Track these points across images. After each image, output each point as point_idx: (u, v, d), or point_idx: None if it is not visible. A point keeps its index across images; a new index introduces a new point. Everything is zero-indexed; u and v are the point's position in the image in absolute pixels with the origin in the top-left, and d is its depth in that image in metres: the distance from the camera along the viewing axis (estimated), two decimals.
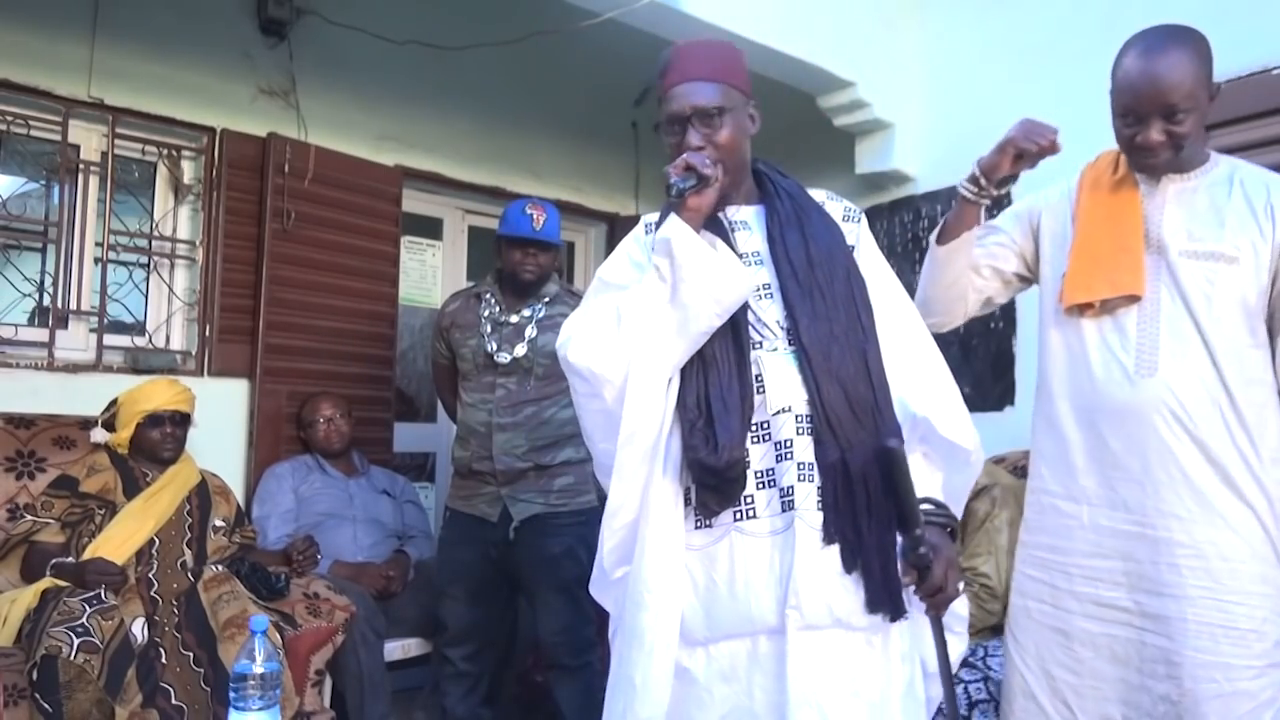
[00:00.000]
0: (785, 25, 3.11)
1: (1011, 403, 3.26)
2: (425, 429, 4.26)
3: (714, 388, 1.41)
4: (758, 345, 1.46)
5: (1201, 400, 1.53)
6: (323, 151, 3.52)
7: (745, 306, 1.45)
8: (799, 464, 1.41)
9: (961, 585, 1.49)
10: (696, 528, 1.44)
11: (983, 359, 3.35)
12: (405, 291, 3.92)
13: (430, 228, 4.22)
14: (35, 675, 2.09)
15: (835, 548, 1.39)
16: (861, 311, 1.48)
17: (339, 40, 3.59)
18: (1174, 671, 1.51)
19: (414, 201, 4.02)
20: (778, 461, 1.42)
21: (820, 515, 1.39)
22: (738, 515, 1.42)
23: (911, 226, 3.62)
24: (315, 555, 2.85)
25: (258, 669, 1.36)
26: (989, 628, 2.43)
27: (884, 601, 1.39)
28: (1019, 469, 2.89)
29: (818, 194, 1.60)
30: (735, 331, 1.44)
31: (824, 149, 3.80)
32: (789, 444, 1.42)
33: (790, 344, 1.44)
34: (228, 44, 3.43)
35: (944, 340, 3.72)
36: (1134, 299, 1.59)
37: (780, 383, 1.43)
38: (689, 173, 1.39)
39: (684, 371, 1.44)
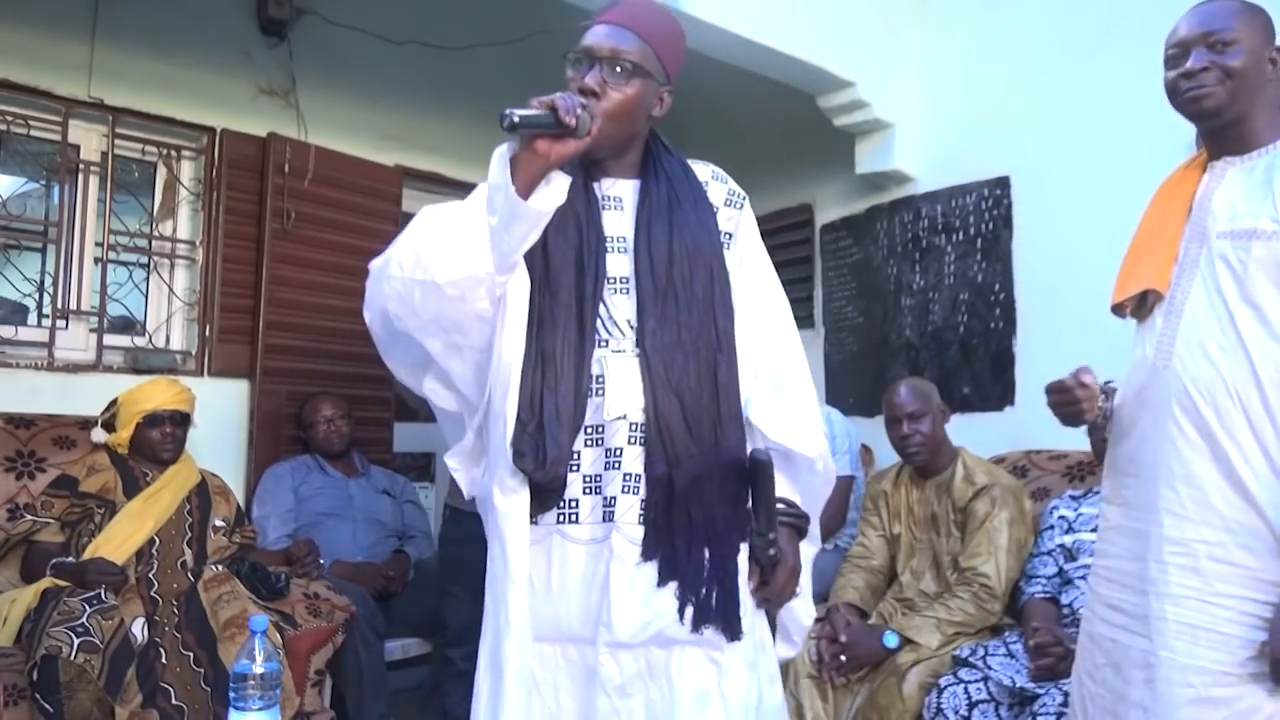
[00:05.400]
0: (785, 25, 3.11)
1: (1011, 403, 3.26)
2: (425, 429, 4.26)
3: (549, 391, 1.32)
4: (604, 344, 1.37)
5: (1216, 390, 1.43)
6: (323, 151, 3.52)
7: (597, 301, 1.36)
8: (625, 474, 1.35)
9: (808, 608, 1.50)
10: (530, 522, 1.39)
11: (983, 359, 3.35)
12: None
13: None
14: (35, 675, 2.09)
15: (654, 564, 1.33)
16: (719, 315, 1.39)
17: (339, 40, 3.59)
18: (1149, 675, 1.44)
19: (414, 201, 4.01)
20: (605, 469, 1.36)
21: (640, 529, 1.33)
22: (561, 518, 1.36)
23: (912, 226, 3.62)
24: (318, 559, 2.86)
25: (258, 669, 1.36)
26: (989, 628, 2.43)
27: (712, 619, 1.32)
28: (1019, 469, 2.89)
29: (703, 170, 1.49)
30: (580, 329, 1.35)
31: (824, 149, 3.81)
32: (619, 452, 1.35)
33: (637, 346, 1.36)
34: (228, 44, 3.43)
35: (944, 340, 3.75)
36: (1159, 294, 1.52)
37: (620, 388, 1.35)
38: (547, 111, 1.23)
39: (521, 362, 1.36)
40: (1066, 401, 1.58)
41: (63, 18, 3.10)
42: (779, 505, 1.39)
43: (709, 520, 1.34)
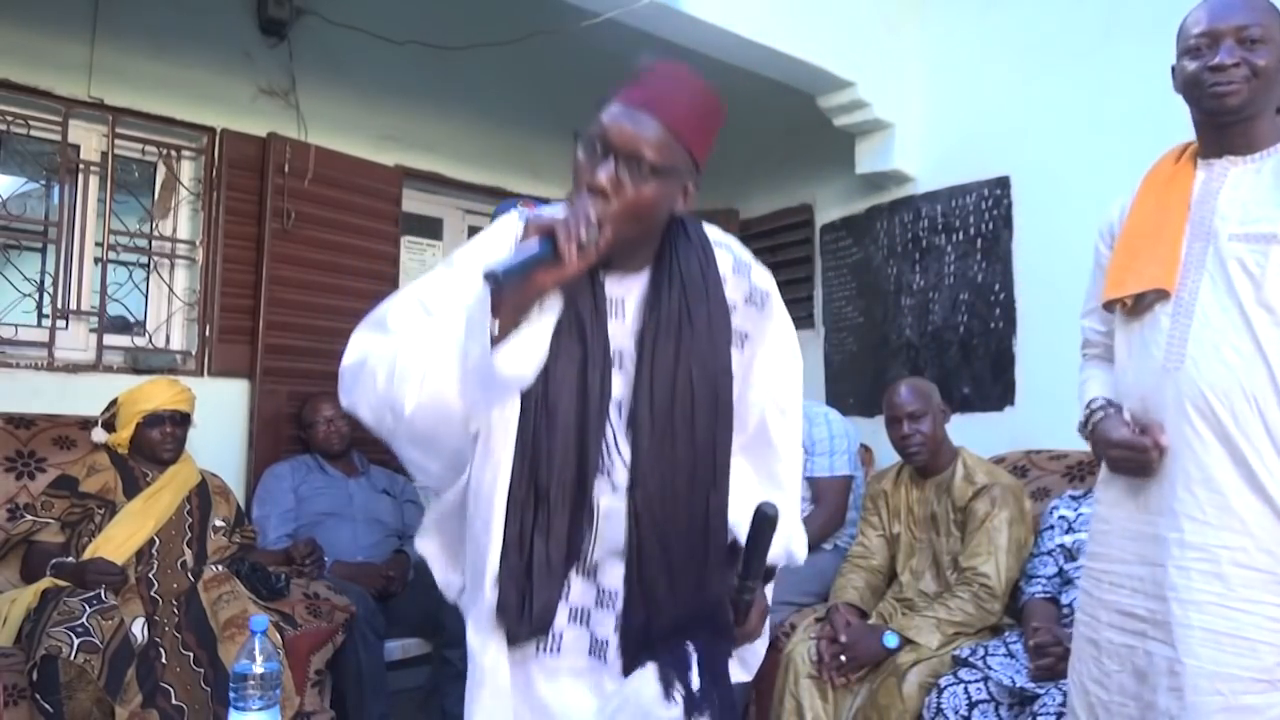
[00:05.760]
0: (785, 25, 3.11)
1: (1011, 403, 3.26)
2: None
3: (540, 531, 1.19)
4: (604, 473, 1.23)
5: (1233, 395, 1.40)
6: (323, 151, 3.52)
7: (601, 430, 1.21)
8: (618, 616, 1.25)
9: (764, 639, 1.43)
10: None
11: (983, 359, 3.35)
12: None
13: (430, 228, 4.22)
14: (35, 675, 2.09)
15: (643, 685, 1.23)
16: (719, 452, 1.25)
17: (339, 40, 3.60)
18: (1175, 683, 1.41)
19: (414, 201, 4.02)
20: (597, 606, 1.26)
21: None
22: (540, 646, 1.24)
23: (912, 226, 3.62)
24: (321, 558, 2.86)
25: (258, 669, 1.35)
26: (989, 628, 2.43)
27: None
28: (1019, 469, 2.89)
29: (724, 259, 1.29)
30: (580, 464, 1.20)
31: (824, 149, 3.81)
32: (613, 594, 1.25)
33: (629, 493, 1.23)
34: (228, 44, 3.43)
35: (944, 340, 3.74)
36: (1165, 293, 1.48)
37: (611, 531, 1.24)
38: (543, 241, 1.07)
39: (510, 488, 1.20)
40: (1139, 461, 1.50)
41: (63, 18, 3.10)
42: None
43: (691, 648, 1.25)
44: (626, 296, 1.25)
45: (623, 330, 1.24)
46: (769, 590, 1.42)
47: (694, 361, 1.23)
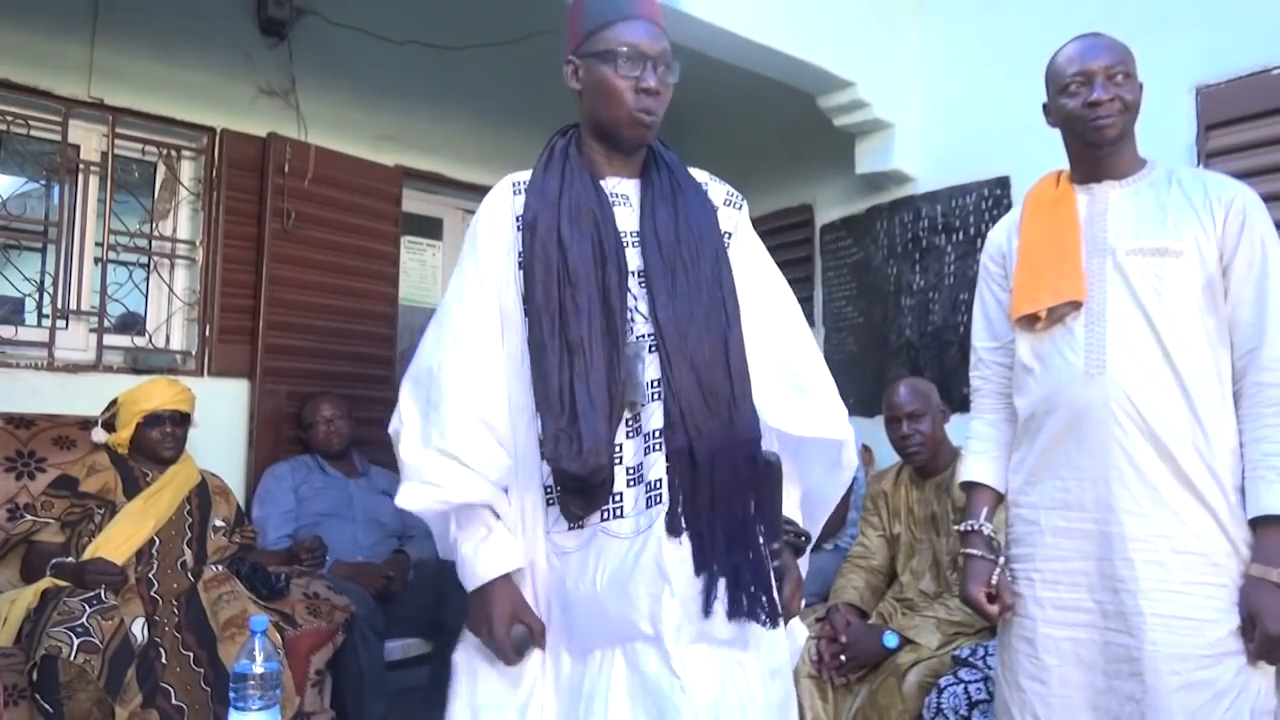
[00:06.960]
0: (785, 25, 3.11)
1: None
2: None
3: (579, 380, 1.29)
4: (630, 325, 1.36)
5: (1153, 395, 1.55)
6: (323, 151, 3.52)
7: (624, 291, 1.35)
8: (667, 456, 1.32)
9: (803, 626, 1.49)
10: (569, 529, 1.35)
11: None
12: (405, 291, 3.92)
13: (430, 228, 4.23)
14: (35, 675, 2.09)
15: (689, 547, 1.29)
16: (726, 297, 1.39)
17: (339, 40, 3.60)
18: (1136, 668, 1.52)
19: (414, 201, 4.02)
20: (646, 454, 1.33)
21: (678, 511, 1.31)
22: (605, 515, 1.32)
23: (912, 226, 3.62)
24: (323, 556, 2.86)
25: (258, 669, 1.36)
26: (989, 628, 2.43)
27: (748, 606, 1.28)
28: None
29: (699, 174, 1.51)
30: (607, 315, 1.33)
31: (824, 149, 3.81)
32: (659, 435, 1.32)
33: (649, 321, 1.36)
34: (228, 44, 3.44)
35: (944, 340, 3.73)
36: (1077, 304, 1.62)
37: (644, 368, 1.35)
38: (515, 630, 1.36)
39: (543, 357, 1.32)
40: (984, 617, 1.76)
41: (63, 18, 3.10)
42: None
43: (734, 497, 1.30)
44: (628, 192, 1.44)
45: (631, 216, 1.42)
46: (803, 567, 1.46)
47: (690, 217, 1.41)
